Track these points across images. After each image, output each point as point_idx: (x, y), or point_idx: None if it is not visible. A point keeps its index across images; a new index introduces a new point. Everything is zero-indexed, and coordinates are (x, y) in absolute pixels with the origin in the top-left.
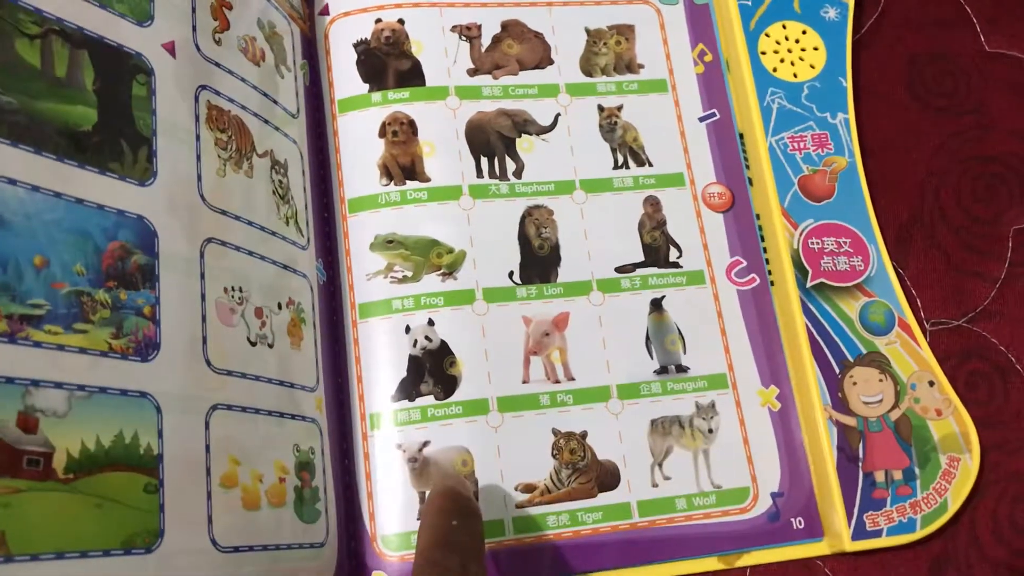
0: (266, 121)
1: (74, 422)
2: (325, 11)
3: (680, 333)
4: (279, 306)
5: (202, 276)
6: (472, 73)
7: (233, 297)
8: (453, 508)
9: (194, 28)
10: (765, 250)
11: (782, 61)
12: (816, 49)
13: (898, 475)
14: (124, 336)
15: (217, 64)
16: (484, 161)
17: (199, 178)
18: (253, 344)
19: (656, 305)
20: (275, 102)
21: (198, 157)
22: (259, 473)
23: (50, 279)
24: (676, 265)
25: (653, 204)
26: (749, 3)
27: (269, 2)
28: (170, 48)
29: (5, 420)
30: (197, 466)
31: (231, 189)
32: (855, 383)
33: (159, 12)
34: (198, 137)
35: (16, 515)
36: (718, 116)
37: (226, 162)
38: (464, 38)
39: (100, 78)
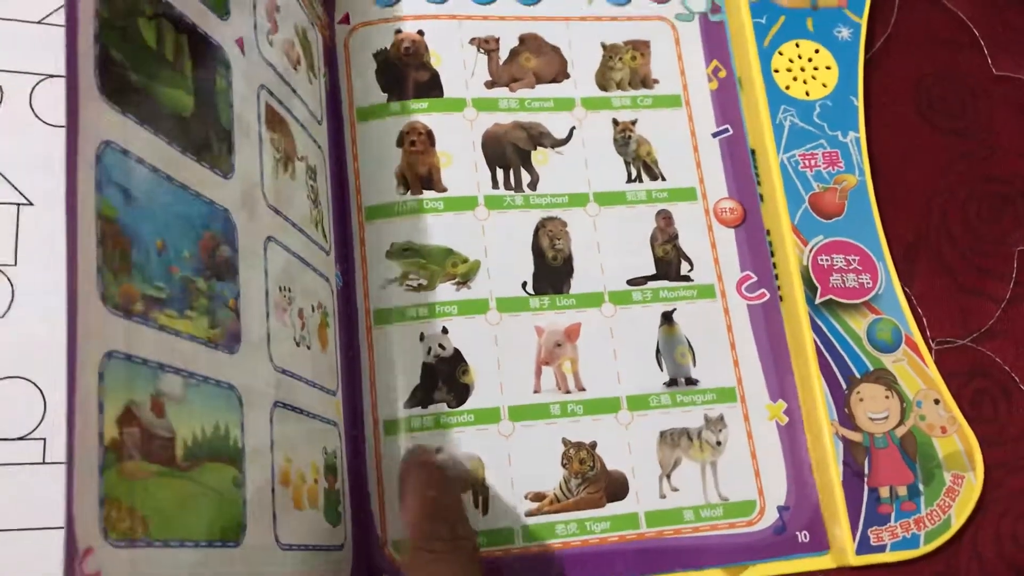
0: (303, 126)
1: (188, 409)
2: (345, 20)
3: (690, 346)
4: (312, 308)
5: (266, 274)
6: (489, 85)
7: (285, 297)
8: (426, 481)
9: (255, 27)
10: (775, 265)
11: (795, 79)
12: (828, 68)
13: (903, 491)
14: (218, 327)
15: (271, 66)
16: (500, 173)
17: (262, 176)
18: (297, 344)
19: (667, 318)
20: (306, 106)
21: (260, 155)
22: (303, 473)
23: (168, 263)
24: (687, 279)
25: (665, 218)
26: (763, 21)
27: (302, 9)
28: (241, 44)
29: (143, 402)
30: (266, 462)
31: (282, 189)
32: (862, 399)
33: (234, 8)
34: (260, 136)
35: (153, 500)
36: (731, 132)
37: (278, 163)
38: (482, 51)
39: (196, 66)
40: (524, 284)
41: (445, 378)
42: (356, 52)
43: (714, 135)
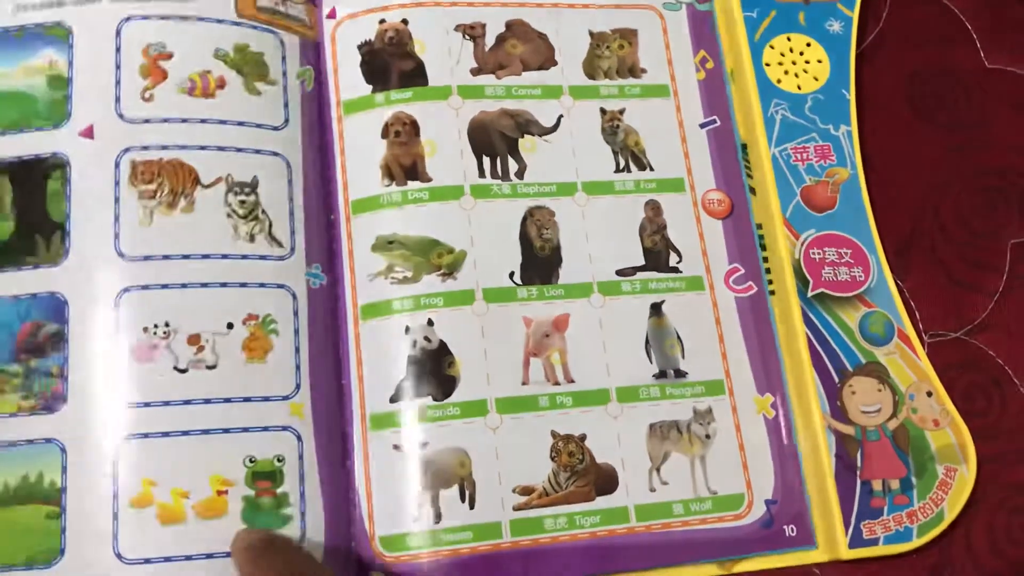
0: (220, 148)
1: None
2: (332, 14)
3: (679, 338)
4: (229, 326)
5: (117, 325)
6: (475, 73)
7: (155, 334)
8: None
9: (117, 99)
10: (766, 259)
11: (786, 73)
12: (820, 61)
13: (895, 484)
14: (33, 397)
15: (146, 120)
16: (486, 161)
17: (116, 236)
18: (183, 371)
19: (656, 309)
20: (240, 123)
21: (116, 218)
22: (183, 491)
23: None
24: (676, 270)
25: (654, 208)
26: (754, 15)
27: (240, 25)
28: (88, 133)
29: None
30: (103, 492)
31: (159, 232)
32: (854, 392)
33: (77, 106)
34: (117, 199)
35: None
36: (718, 123)
37: (153, 210)
38: (468, 37)
39: (17, 193)
40: (511, 274)
41: (431, 371)
42: (342, 45)
43: (701, 126)
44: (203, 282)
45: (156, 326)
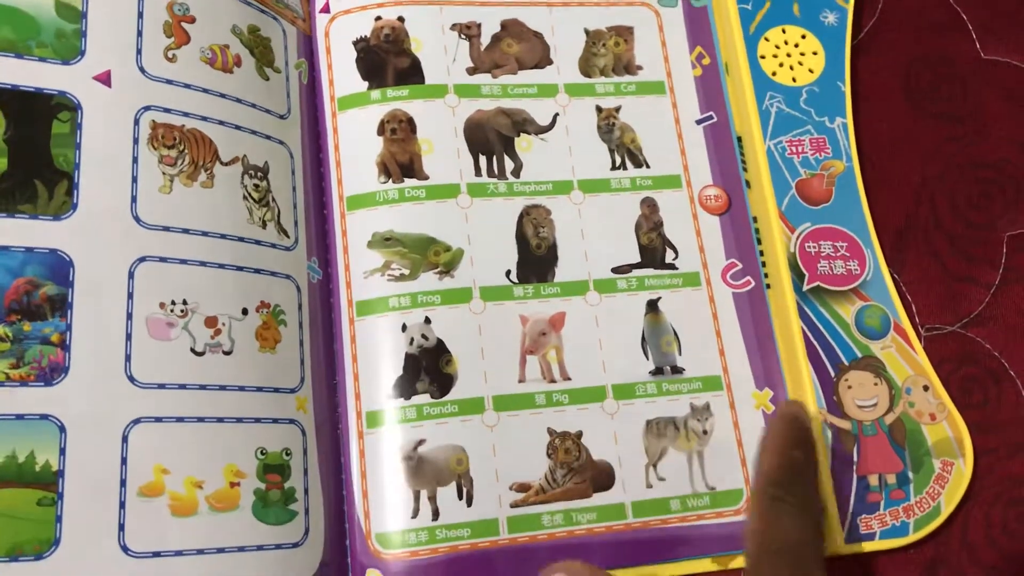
0: (238, 127)
1: None
2: (325, 9)
3: (675, 334)
4: (244, 311)
5: (130, 296)
6: (471, 72)
7: (172, 311)
8: (795, 438)
9: (139, 51)
10: (762, 253)
11: (781, 65)
12: (815, 54)
13: (892, 479)
14: (25, 365)
15: (169, 81)
16: (483, 159)
17: (134, 200)
18: (200, 354)
19: (652, 306)
20: (253, 106)
21: (134, 179)
22: (197, 480)
23: None
24: (672, 267)
25: (650, 205)
26: (749, 7)
27: (251, 5)
28: (104, 78)
29: None
30: (108, 478)
31: (179, 203)
32: (850, 387)
33: (92, 45)
34: (136, 159)
35: None
36: (715, 119)
37: (174, 178)
38: (464, 36)
39: (12, 126)
40: (508, 272)
41: (428, 368)
42: (336, 41)
43: (698, 122)
44: (221, 263)
45: (174, 303)
